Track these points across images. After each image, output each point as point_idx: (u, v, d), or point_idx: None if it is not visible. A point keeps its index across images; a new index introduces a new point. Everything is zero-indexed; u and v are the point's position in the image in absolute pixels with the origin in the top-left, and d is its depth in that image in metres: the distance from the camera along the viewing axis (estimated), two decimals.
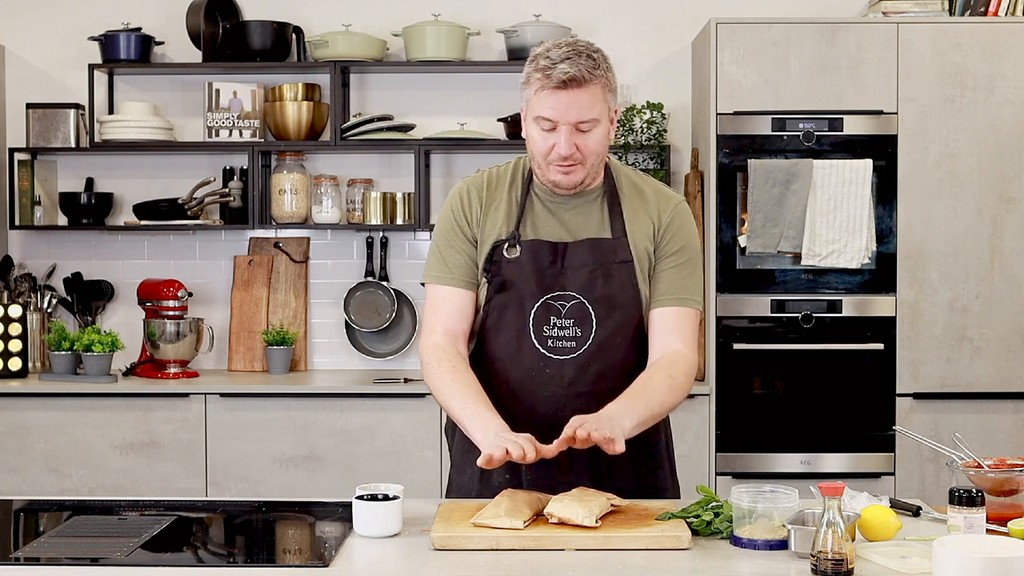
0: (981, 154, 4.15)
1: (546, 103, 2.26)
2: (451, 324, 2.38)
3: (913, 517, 2.24)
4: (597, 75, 2.26)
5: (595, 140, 2.29)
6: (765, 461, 4.18)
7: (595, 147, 2.30)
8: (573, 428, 2.13)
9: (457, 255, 2.40)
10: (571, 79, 2.23)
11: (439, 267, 2.41)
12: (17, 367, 4.42)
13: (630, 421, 2.21)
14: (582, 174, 2.32)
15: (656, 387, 2.29)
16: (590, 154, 2.30)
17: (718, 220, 4.19)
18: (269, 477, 4.21)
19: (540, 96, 2.26)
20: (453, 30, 4.51)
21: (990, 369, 4.17)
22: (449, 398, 2.31)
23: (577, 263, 2.35)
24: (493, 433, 2.18)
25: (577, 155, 2.29)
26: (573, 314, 2.34)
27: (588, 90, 2.25)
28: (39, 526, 2.28)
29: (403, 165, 4.72)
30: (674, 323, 2.37)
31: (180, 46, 4.67)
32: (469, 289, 2.39)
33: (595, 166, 2.35)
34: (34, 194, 4.63)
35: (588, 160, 2.31)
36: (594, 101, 2.26)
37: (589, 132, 2.28)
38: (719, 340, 4.18)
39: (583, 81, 2.24)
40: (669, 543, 2.00)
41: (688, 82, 4.66)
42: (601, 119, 2.29)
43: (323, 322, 4.78)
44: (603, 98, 2.28)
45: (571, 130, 2.26)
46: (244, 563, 2.04)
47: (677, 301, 2.37)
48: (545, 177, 2.35)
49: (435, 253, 2.43)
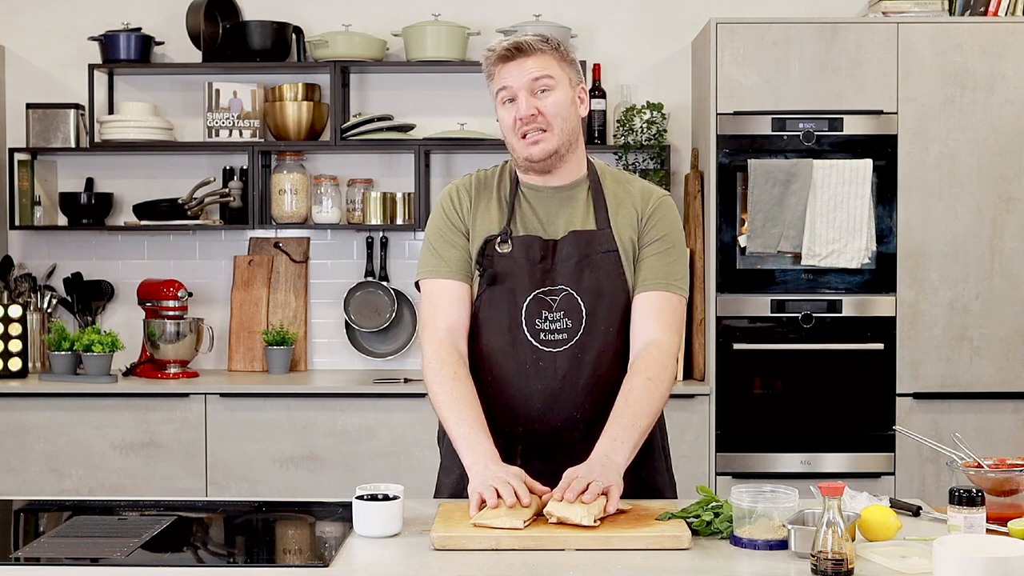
0: (981, 154, 4.15)
1: (500, 76, 2.36)
2: (452, 318, 2.38)
3: (913, 517, 2.24)
4: (545, 47, 2.36)
5: (553, 101, 2.34)
6: (765, 461, 4.18)
7: (555, 109, 2.34)
8: (569, 481, 2.12)
9: (451, 248, 2.41)
10: (516, 47, 2.35)
11: (434, 262, 2.42)
12: (17, 367, 4.42)
13: (622, 455, 2.21)
14: (552, 142, 2.35)
15: (638, 398, 2.29)
16: (553, 116, 2.34)
17: (718, 220, 4.19)
18: (269, 477, 4.21)
19: (495, 74, 2.37)
20: (453, 30, 4.51)
21: (990, 369, 4.17)
22: (445, 409, 2.31)
23: (564, 256, 2.37)
24: (483, 464, 2.18)
25: (540, 119, 2.34)
26: (563, 306, 2.36)
27: (537, 57, 2.35)
28: (39, 526, 2.28)
29: (403, 165, 4.72)
30: (654, 307, 2.37)
31: (180, 46, 4.67)
32: (465, 281, 2.40)
33: (564, 134, 2.37)
34: (34, 194, 4.63)
35: (554, 124, 2.34)
36: (545, 65, 2.35)
37: (547, 94, 2.34)
38: (719, 340, 4.18)
39: (530, 49, 2.34)
40: (669, 543, 2.00)
41: (688, 82, 4.66)
42: (558, 83, 2.35)
43: (323, 322, 4.78)
44: (558, 66, 2.36)
45: (528, 94, 2.34)
46: (244, 563, 2.04)
47: (659, 286, 2.38)
48: (519, 155, 2.38)
49: (428, 249, 2.44)
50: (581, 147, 2.44)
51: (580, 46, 4.68)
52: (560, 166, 2.40)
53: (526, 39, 2.35)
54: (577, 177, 2.43)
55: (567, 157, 2.40)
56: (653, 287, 2.38)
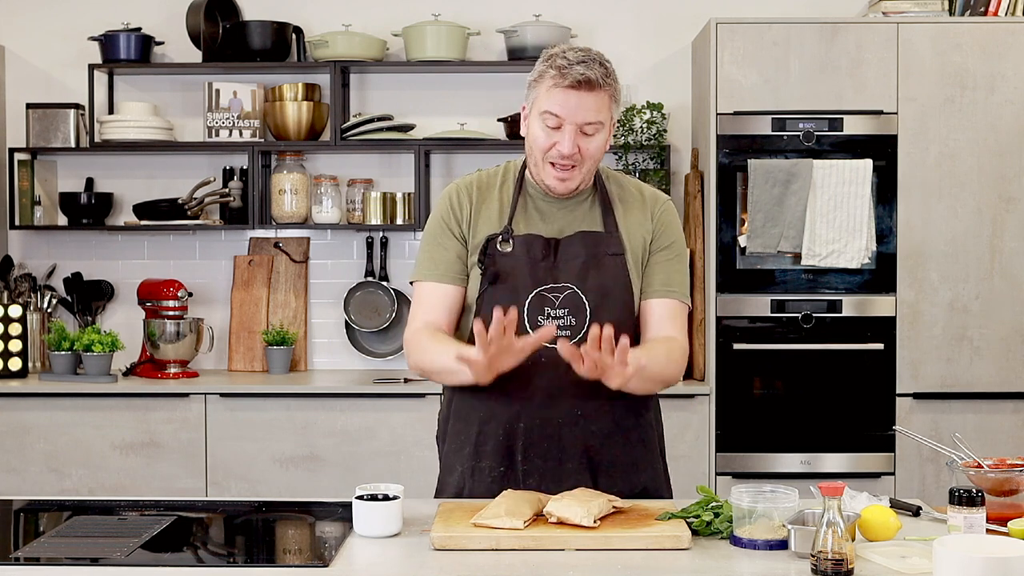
0: (981, 154, 4.15)
1: (556, 100, 2.30)
2: (432, 317, 2.41)
3: (913, 517, 2.24)
4: (608, 83, 2.32)
5: (596, 145, 2.34)
6: (765, 461, 4.18)
7: (595, 152, 2.35)
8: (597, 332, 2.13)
9: (444, 251, 2.43)
10: (585, 80, 2.28)
11: (425, 264, 2.45)
12: (17, 367, 4.42)
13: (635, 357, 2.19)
14: (578, 180, 2.37)
15: (657, 352, 2.34)
16: (588, 158, 2.35)
17: (718, 220, 4.19)
18: (269, 477, 4.21)
19: (552, 93, 2.31)
20: (453, 30, 4.51)
21: (990, 369, 4.17)
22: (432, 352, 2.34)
23: (570, 255, 2.39)
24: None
25: (577, 156, 2.33)
26: (567, 303, 2.37)
27: (598, 95, 2.30)
28: (39, 526, 2.28)
29: (403, 165, 4.72)
30: (669, 313, 2.43)
31: (180, 46, 4.67)
32: (454, 284, 2.42)
33: (590, 171, 2.39)
34: (34, 194, 4.63)
35: (585, 164, 2.35)
36: (601, 107, 2.32)
37: (592, 136, 2.33)
38: (719, 340, 4.18)
39: (596, 85, 2.29)
40: (669, 543, 2.00)
41: (688, 82, 4.66)
42: (605, 125, 2.35)
43: (323, 322, 4.78)
44: (609, 106, 2.34)
45: (576, 130, 2.31)
46: (244, 563, 2.04)
47: (670, 294, 2.43)
48: (540, 177, 2.39)
49: (423, 251, 2.47)
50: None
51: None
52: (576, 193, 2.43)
53: (595, 74, 2.29)
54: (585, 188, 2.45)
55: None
56: (666, 295, 2.43)
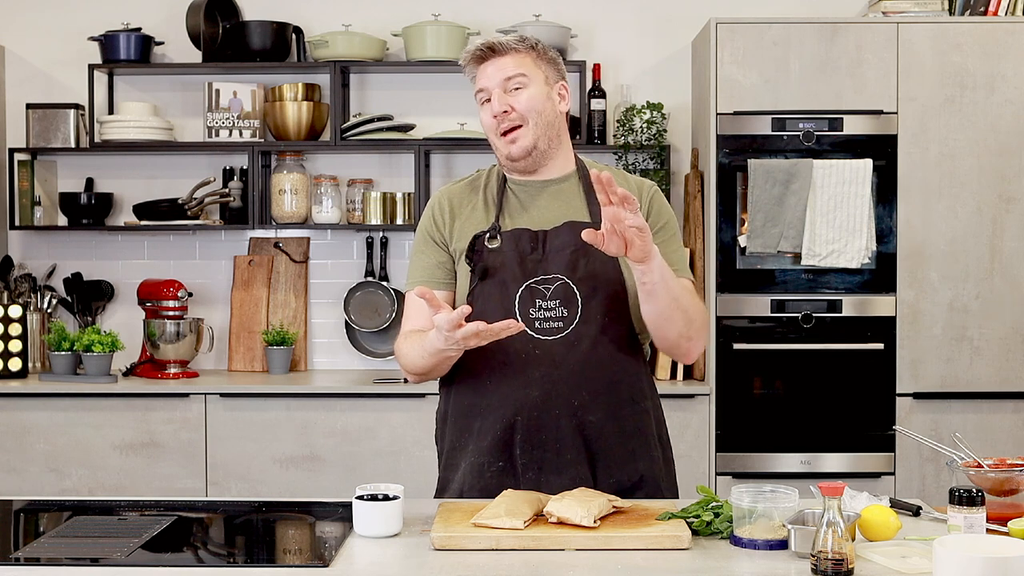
0: (981, 154, 4.15)
1: (478, 78, 2.44)
2: (417, 324, 2.43)
3: (913, 517, 2.24)
4: (520, 46, 2.41)
5: (527, 97, 2.39)
6: (765, 461, 4.18)
7: (528, 104, 2.38)
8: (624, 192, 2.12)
9: (426, 259, 2.47)
10: (489, 47, 2.43)
11: (411, 274, 2.51)
12: (17, 367, 4.42)
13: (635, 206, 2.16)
14: (529, 137, 2.39)
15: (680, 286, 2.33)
16: (526, 111, 2.38)
17: (718, 220, 4.19)
18: (269, 477, 4.21)
19: (474, 75, 2.44)
20: (453, 30, 4.51)
21: (990, 369, 4.17)
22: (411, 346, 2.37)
23: (558, 246, 2.39)
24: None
25: (513, 114, 2.38)
26: (558, 295, 2.37)
27: (512, 56, 2.40)
28: (39, 526, 2.28)
29: (403, 165, 4.72)
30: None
31: (180, 46, 4.67)
32: (440, 289, 2.45)
33: (541, 128, 2.40)
34: (34, 194, 4.63)
35: (528, 119, 2.39)
36: (519, 64, 2.40)
37: (520, 91, 2.39)
38: (719, 340, 4.18)
39: (504, 49, 2.40)
40: (669, 543, 2.00)
41: (688, 82, 4.66)
42: (532, 80, 2.39)
43: (323, 322, 4.78)
44: (533, 64, 2.41)
45: (501, 91, 2.39)
46: (244, 563, 2.04)
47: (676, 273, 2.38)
48: (501, 155, 2.44)
49: (410, 261, 2.53)
50: (566, 144, 2.48)
51: (580, 46, 4.68)
52: (544, 163, 2.44)
53: (499, 40, 2.42)
54: (566, 172, 2.47)
55: (550, 153, 2.44)
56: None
